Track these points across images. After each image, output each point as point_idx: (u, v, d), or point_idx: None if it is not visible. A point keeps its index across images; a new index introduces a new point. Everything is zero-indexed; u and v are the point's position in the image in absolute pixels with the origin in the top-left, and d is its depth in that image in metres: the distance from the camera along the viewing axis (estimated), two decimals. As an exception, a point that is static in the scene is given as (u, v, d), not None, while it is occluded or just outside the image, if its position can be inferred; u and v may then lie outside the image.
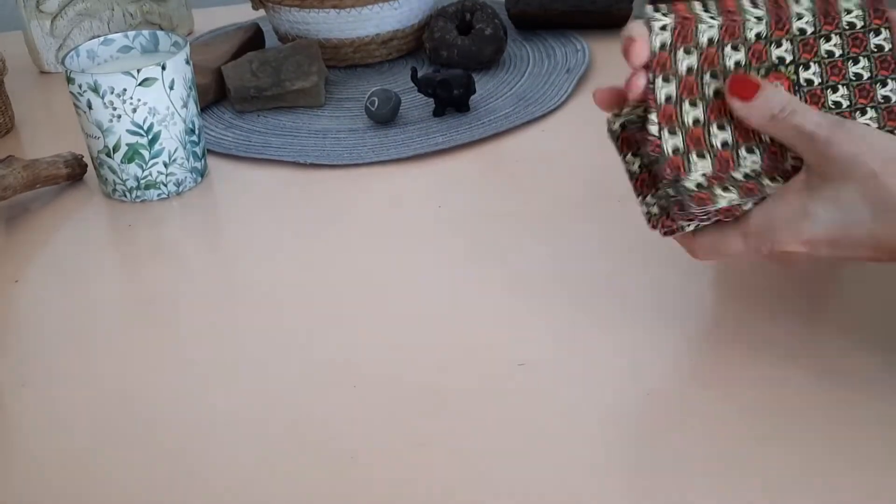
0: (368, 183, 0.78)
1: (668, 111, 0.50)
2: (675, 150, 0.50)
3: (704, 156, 0.50)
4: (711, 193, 0.49)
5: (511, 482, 0.49)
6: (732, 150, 0.50)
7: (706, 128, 0.50)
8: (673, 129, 0.50)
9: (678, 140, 0.50)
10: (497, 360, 0.57)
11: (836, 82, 0.51)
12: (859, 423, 0.50)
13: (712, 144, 0.50)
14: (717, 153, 0.50)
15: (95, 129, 0.75)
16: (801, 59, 0.51)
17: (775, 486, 0.47)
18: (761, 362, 0.55)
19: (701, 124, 0.50)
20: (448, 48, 0.95)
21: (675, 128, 0.50)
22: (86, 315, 0.65)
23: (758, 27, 0.50)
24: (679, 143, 0.50)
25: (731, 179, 0.50)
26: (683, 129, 0.50)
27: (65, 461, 0.52)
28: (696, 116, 0.50)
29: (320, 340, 0.60)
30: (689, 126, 0.50)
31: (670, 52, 0.50)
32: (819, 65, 0.51)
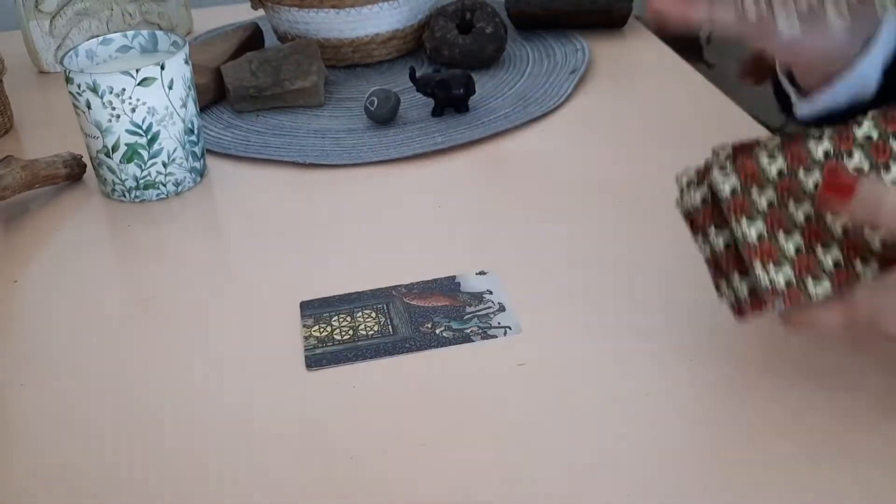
0: (368, 183, 0.78)
1: (765, 248, 0.48)
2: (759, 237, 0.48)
3: (794, 235, 0.48)
4: (803, 289, 0.48)
5: (511, 482, 0.48)
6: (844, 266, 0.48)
7: (810, 253, 0.48)
8: (778, 262, 0.48)
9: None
10: (497, 360, 0.57)
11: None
12: (862, 426, 0.50)
13: (824, 268, 0.48)
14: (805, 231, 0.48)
15: (94, 129, 0.75)
16: (879, 163, 0.48)
17: (775, 487, 0.47)
18: (762, 363, 0.55)
19: (803, 250, 0.48)
20: (449, 47, 0.95)
21: (779, 260, 0.48)
22: (85, 315, 0.65)
23: (823, 145, 0.48)
24: (790, 273, 0.48)
25: (819, 267, 0.48)
26: (788, 260, 0.48)
27: (64, 461, 0.52)
28: (797, 244, 0.48)
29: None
30: (792, 257, 0.48)
31: (743, 195, 0.48)
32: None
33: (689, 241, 0.52)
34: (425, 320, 0.61)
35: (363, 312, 0.62)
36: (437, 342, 0.59)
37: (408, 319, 0.61)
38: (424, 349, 0.58)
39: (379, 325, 0.60)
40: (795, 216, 0.48)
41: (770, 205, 0.48)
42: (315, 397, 0.55)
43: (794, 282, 0.48)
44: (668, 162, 0.76)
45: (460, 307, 0.62)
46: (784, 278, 0.48)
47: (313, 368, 0.57)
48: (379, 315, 0.61)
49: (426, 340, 0.59)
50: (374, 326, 0.60)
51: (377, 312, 0.62)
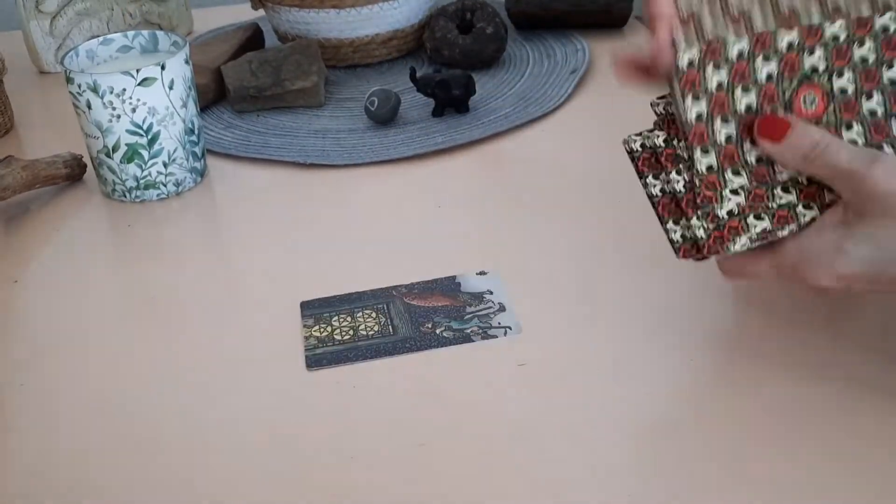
0: (368, 183, 0.78)
1: (700, 130, 0.49)
2: (708, 169, 0.49)
3: (740, 172, 0.49)
4: (744, 223, 0.49)
5: (511, 482, 0.48)
6: (768, 166, 0.49)
7: (740, 145, 0.49)
8: (706, 148, 0.49)
9: (712, 159, 0.49)
10: (497, 360, 0.57)
11: (871, 89, 0.49)
12: (863, 429, 0.50)
13: (747, 161, 0.49)
14: (753, 169, 0.49)
15: (95, 129, 0.75)
16: (834, 67, 0.49)
17: (775, 488, 0.47)
18: (763, 364, 0.55)
19: (734, 141, 0.49)
20: (450, 47, 0.95)
21: (707, 146, 0.49)
22: (85, 315, 0.65)
23: (789, 36, 0.49)
24: (713, 162, 0.49)
25: (764, 208, 0.49)
26: (716, 147, 0.49)
27: (64, 460, 0.52)
28: (729, 133, 0.49)
29: (320, 340, 0.60)
30: (722, 144, 0.49)
31: (699, 68, 0.48)
32: (853, 72, 0.49)
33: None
34: (425, 320, 0.61)
35: (363, 312, 0.62)
36: (438, 342, 0.59)
37: (408, 319, 0.61)
38: (425, 349, 0.58)
39: (379, 325, 0.60)
40: (738, 105, 0.49)
41: (719, 87, 0.49)
42: (315, 397, 0.55)
43: (736, 214, 0.49)
44: (669, 162, 0.76)
45: (460, 307, 0.62)
46: (706, 164, 0.49)
47: (313, 368, 0.57)
48: (379, 315, 0.61)
49: (426, 340, 0.59)
50: (375, 326, 0.60)
51: (377, 312, 0.62)
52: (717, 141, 0.49)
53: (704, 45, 0.48)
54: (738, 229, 0.49)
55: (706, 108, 0.49)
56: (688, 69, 0.48)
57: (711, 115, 0.49)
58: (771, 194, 0.49)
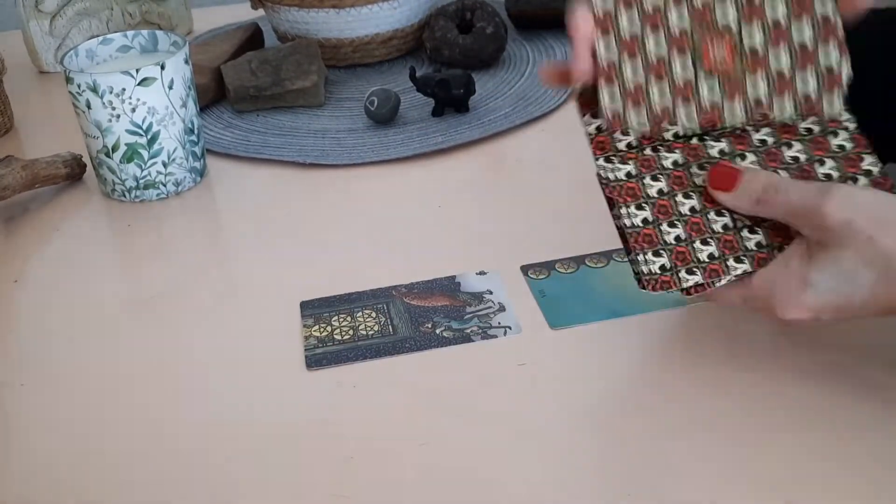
0: (368, 183, 0.78)
1: (663, 203, 0.50)
2: (644, 221, 0.50)
3: (708, 242, 0.50)
4: (725, 265, 0.49)
5: (511, 482, 0.48)
6: (735, 233, 0.50)
7: (704, 215, 0.50)
8: (639, 205, 0.50)
9: (647, 213, 0.50)
10: (497, 360, 0.57)
11: (774, 168, 0.51)
12: (862, 426, 0.50)
13: (712, 229, 0.50)
14: (721, 237, 0.50)
15: (94, 129, 0.75)
16: (736, 151, 0.51)
17: (776, 487, 0.47)
18: (763, 363, 0.55)
19: (698, 212, 0.50)
20: (450, 47, 0.95)
21: (659, 238, 0.50)
22: (85, 314, 0.65)
23: (720, 146, 0.51)
24: (648, 216, 0.50)
25: (743, 248, 0.50)
26: (682, 220, 0.50)
27: (64, 460, 0.52)
28: (692, 206, 0.50)
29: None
30: (686, 218, 0.50)
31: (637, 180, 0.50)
32: (764, 33, 0.50)
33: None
34: (425, 320, 0.61)
35: (363, 312, 0.62)
36: (437, 342, 0.59)
37: (408, 319, 0.61)
38: (424, 349, 0.58)
39: (379, 324, 0.60)
40: (695, 179, 0.50)
41: (675, 165, 0.50)
42: (315, 397, 0.55)
43: (717, 257, 0.50)
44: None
45: (460, 307, 0.62)
46: (707, 255, 0.50)
47: (313, 368, 0.57)
48: (379, 315, 0.61)
49: (426, 340, 0.59)
50: (375, 326, 0.60)
51: (377, 312, 0.62)
52: (681, 213, 0.50)
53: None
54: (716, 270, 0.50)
55: (666, 186, 0.50)
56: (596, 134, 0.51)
57: (672, 189, 0.50)
58: (739, 237, 0.50)
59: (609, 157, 0.51)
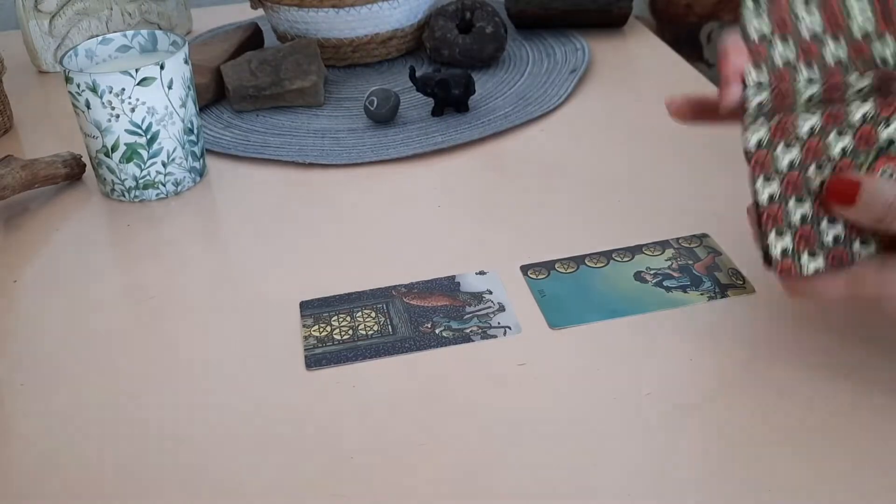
0: (367, 183, 0.78)
1: (773, 211, 0.48)
2: (784, 252, 0.49)
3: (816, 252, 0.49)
4: (797, 261, 0.48)
5: (511, 482, 0.48)
6: (846, 246, 0.49)
7: (814, 225, 0.48)
8: (780, 231, 0.48)
9: (787, 241, 0.49)
10: (497, 360, 0.57)
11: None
12: (862, 425, 0.50)
13: (823, 243, 0.49)
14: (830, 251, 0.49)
15: (94, 129, 0.75)
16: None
17: (775, 487, 0.47)
18: (762, 363, 0.55)
19: (808, 221, 0.48)
20: (449, 47, 0.95)
21: (782, 229, 0.48)
22: (84, 315, 0.65)
23: (863, 108, 0.48)
24: (789, 245, 0.49)
25: (820, 245, 0.48)
26: (791, 229, 0.48)
27: (64, 461, 0.52)
28: (804, 213, 0.48)
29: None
30: (796, 226, 0.48)
31: (768, 149, 0.48)
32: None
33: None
34: (425, 320, 0.61)
35: (363, 312, 0.62)
36: (437, 342, 0.59)
37: (408, 319, 0.61)
38: (424, 349, 0.58)
39: (379, 324, 0.60)
40: (811, 184, 0.48)
41: (790, 166, 0.48)
42: (315, 397, 0.55)
43: (791, 253, 0.48)
44: (669, 161, 0.76)
45: (460, 307, 0.62)
46: (782, 247, 0.48)
47: (313, 368, 0.57)
48: (379, 315, 0.61)
49: (426, 340, 0.59)
50: (374, 326, 0.60)
51: (377, 312, 0.62)
52: (791, 223, 0.48)
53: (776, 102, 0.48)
54: (790, 268, 0.48)
55: (778, 190, 0.48)
56: (756, 150, 0.48)
57: (784, 194, 0.48)
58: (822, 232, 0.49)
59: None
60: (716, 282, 0.62)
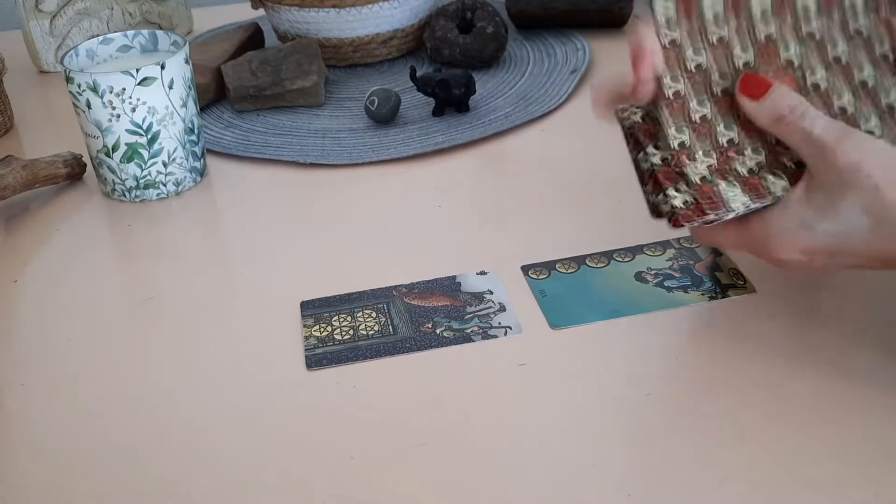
0: (368, 183, 0.78)
1: (676, 107, 0.50)
2: (681, 146, 0.50)
3: (710, 154, 0.50)
4: (715, 187, 0.50)
5: (511, 482, 0.48)
6: (739, 147, 0.50)
7: (713, 126, 0.50)
8: (680, 127, 0.50)
9: (685, 136, 0.50)
10: (497, 360, 0.57)
11: (843, 88, 0.51)
12: (861, 424, 0.50)
13: (719, 142, 0.50)
14: (724, 150, 0.50)
15: (94, 129, 0.75)
16: (809, 63, 0.51)
17: (775, 487, 0.47)
18: (762, 362, 0.55)
19: (708, 121, 0.50)
20: (450, 47, 0.95)
21: (682, 126, 0.50)
22: (85, 315, 0.65)
23: (767, 28, 0.50)
24: (686, 139, 0.50)
25: (734, 173, 0.50)
26: (690, 125, 0.50)
27: (64, 460, 0.52)
28: (704, 114, 0.50)
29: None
30: (696, 122, 0.50)
31: (679, 49, 0.50)
32: (827, 69, 0.51)
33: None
34: (426, 320, 0.61)
35: (363, 312, 0.62)
36: (438, 342, 0.59)
37: (408, 319, 0.61)
38: (425, 349, 0.58)
39: (379, 324, 0.60)
40: (715, 88, 0.51)
41: (698, 68, 0.50)
42: (315, 397, 0.55)
43: (709, 180, 0.50)
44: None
45: (461, 307, 0.62)
46: (679, 142, 0.50)
47: (313, 368, 0.57)
48: (379, 315, 0.61)
49: (426, 340, 0.59)
50: (375, 326, 0.60)
51: (377, 312, 0.62)
52: (692, 119, 0.51)
53: (687, 76, 0.50)
54: (709, 193, 0.50)
55: (683, 88, 0.50)
56: (674, 98, 0.50)
57: (688, 94, 0.50)
58: (742, 157, 0.50)
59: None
60: (716, 282, 0.62)
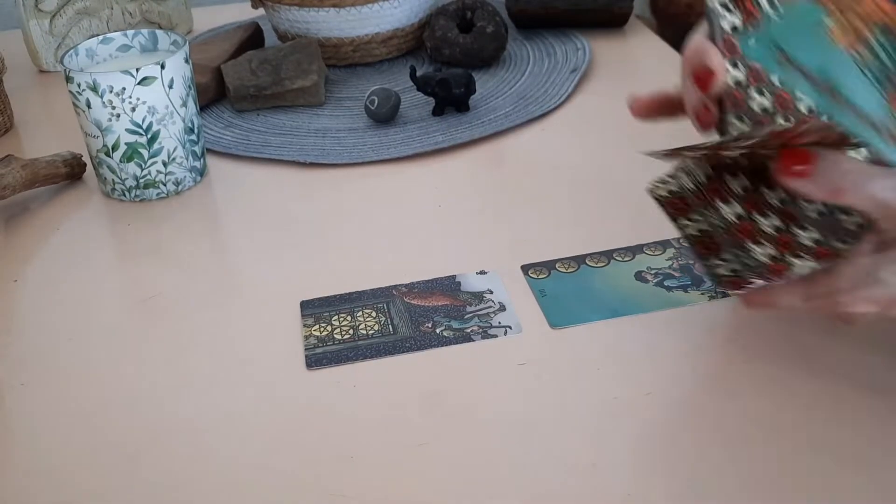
0: (368, 182, 0.78)
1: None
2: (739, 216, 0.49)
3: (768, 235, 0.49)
4: (786, 262, 0.48)
5: (511, 482, 0.48)
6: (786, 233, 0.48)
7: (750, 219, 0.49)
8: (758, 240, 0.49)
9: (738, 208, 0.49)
10: (497, 360, 0.57)
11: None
12: (861, 425, 0.50)
13: (763, 231, 0.49)
14: (775, 238, 0.48)
15: (94, 129, 0.75)
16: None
17: (775, 487, 0.47)
18: (762, 362, 0.55)
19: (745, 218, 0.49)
20: (450, 46, 0.95)
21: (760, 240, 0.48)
22: (85, 314, 0.65)
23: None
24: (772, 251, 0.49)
25: (799, 246, 0.48)
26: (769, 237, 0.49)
27: (64, 460, 0.52)
28: (738, 213, 0.49)
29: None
30: (773, 235, 0.48)
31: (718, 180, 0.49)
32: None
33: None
34: (426, 320, 0.61)
35: (363, 312, 0.62)
36: (438, 342, 0.59)
37: (408, 319, 0.61)
38: (425, 349, 0.58)
39: (379, 324, 0.60)
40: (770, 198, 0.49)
41: (745, 189, 0.49)
42: (315, 397, 0.55)
43: (777, 257, 0.49)
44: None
45: (461, 307, 0.62)
46: (766, 256, 0.49)
47: (313, 368, 0.57)
48: (379, 314, 0.61)
49: (426, 340, 0.59)
50: (375, 326, 0.60)
51: (377, 312, 0.62)
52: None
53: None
54: (781, 270, 0.49)
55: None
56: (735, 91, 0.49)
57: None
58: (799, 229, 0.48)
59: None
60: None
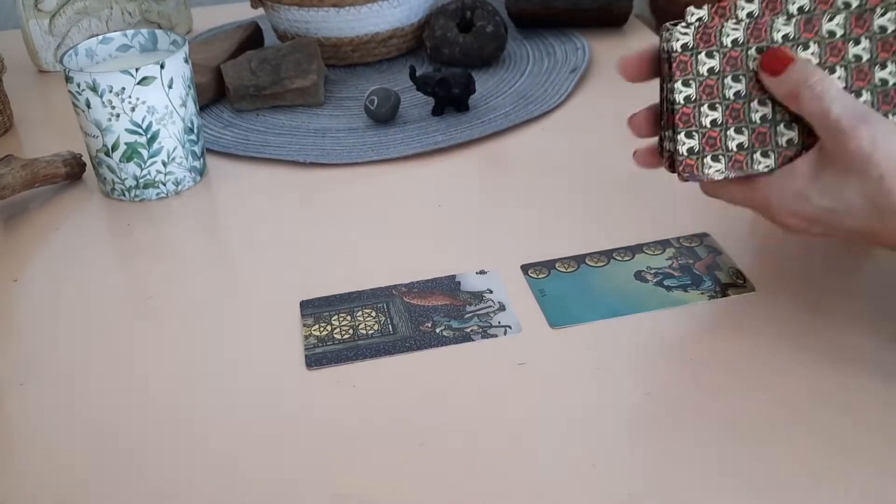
0: (368, 182, 0.78)
1: (687, 112, 0.52)
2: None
3: (742, 131, 0.53)
4: (699, 162, 0.53)
5: (511, 482, 0.48)
6: (771, 126, 0.53)
7: (746, 102, 0.52)
8: (690, 133, 0.53)
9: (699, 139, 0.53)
10: (497, 360, 0.57)
11: (834, 63, 0.52)
12: (862, 422, 0.50)
13: (750, 118, 0.53)
14: (756, 128, 0.53)
15: (94, 128, 0.75)
16: (801, 39, 0.52)
17: (775, 487, 0.47)
18: (763, 362, 0.55)
19: (718, 125, 0.53)
20: (450, 46, 0.95)
21: (692, 131, 0.53)
22: (84, 314, 0.65)
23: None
24: (695, 145, 0.53)
25: (748, 122, 0.52)
26: (701, 130, 0.53)
27: (64, 460, 0.52)
28: (714, 118, 0.53)
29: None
30: (706, 128, 0.53)
31: (692, 54, 0.52)
32: (819, 45, 0.52)
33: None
34: (425, 319, 0.61)
35: (363, 311, 0.62)
36: (438, 341, 0.59)
37: (408, 318, 0.61)
38: (424, 348, 0.58)
39: (379, 324, 0.60)
40: (752, 63, 0.53)
41: (710, 72, 0.53)
42: (315, 397, 0.55)
43: (696, 153, 0.53)
44: (669, 161, 0.76)
45: (460, 306, 0.62)
46: (689, 147, 0.53)
47: (313, 368, 0.57)
48: (379, 314, 0.61)
49: (426, 340, 0.59)
50: (375, 325, 0.60)
51: (377, 311, 0.62)
52: (726, 96, 0.53)
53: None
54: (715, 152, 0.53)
55: (719, 65, 0.52)
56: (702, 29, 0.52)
57: (723, 71, 0.52)
58: (774, 131, 0.53)
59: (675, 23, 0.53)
60: (716, 281, 0.62)
